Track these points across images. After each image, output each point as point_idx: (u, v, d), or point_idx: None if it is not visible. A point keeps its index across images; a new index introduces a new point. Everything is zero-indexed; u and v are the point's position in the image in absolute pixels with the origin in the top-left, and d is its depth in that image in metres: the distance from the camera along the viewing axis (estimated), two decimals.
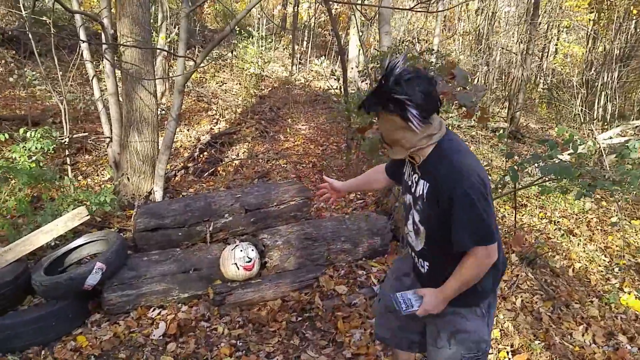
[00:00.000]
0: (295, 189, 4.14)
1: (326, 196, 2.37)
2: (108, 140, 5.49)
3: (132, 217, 4.41)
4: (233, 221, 3.86)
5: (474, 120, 3.44)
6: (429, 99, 1.58)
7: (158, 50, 8.98)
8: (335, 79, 6.48)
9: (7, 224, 3.94)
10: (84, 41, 4.95)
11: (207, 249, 3.73)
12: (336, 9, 12.86)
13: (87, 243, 3.63)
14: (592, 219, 5.63)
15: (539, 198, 6.13)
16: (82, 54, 5.39)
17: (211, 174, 7.14)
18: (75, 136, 5.62)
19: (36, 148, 4.30)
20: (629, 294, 3.87)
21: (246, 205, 3.91)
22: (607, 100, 10.86)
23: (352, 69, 10.42)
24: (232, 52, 12.09)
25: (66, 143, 5.11)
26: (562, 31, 16.17)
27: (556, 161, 3.12)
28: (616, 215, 5.64)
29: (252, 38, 11.02)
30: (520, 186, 4.77)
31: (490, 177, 5.96)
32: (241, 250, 3.51)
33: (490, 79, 13.60)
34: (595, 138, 7.64)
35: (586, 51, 12.74)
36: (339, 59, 6.50)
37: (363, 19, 11.03)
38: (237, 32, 10.80)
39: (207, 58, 12.20)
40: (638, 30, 11.48)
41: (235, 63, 12.05)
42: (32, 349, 3.00)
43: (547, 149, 3.24)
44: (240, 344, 3.12)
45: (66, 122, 5.21)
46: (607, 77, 10.78)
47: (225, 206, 3.87)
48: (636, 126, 8.02)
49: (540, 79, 16.14)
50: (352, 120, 7.88)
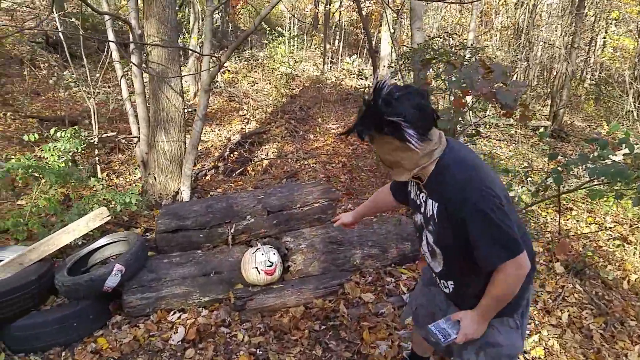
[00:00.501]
0: (320, 190, 4.00)
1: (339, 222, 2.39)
2: (136, 139, 5.50)
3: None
4: (255, 223, 3.75)
5: (512, 119, 3.20)
6: (424, 114, 1.48)
7: (190, 51, 9.02)
8: (363, 78, 6.29)
9: (38, 223, 3.97)
10: (111, 41, 4.97)
11: (229, 251, 3.64)
12: (367, 6, 12.63)
13: (109, 243, 3.61)
14: None
15: (586, 201, 5.75)
16: (111, 54, 5.41)
17: (240, 174, 7.10)
18: (104, 136, 5.66)
19: (65, 148, 4.32)
20: None
21: (268, 207, 3.79)
22: None
23: (384, 67, 10.20)
24: (260, 53, 12.06)
25: (95, 142, 5.12)
26: (611, 23, 15.33)
27: (608, 162, 2.85)
28: None
29: (283, 38, 10.95)
30: (565, 189, 4.47)
31: (531, 179, 5.64)
32: (262, 254, 3.40)
33: (530, 75, 13.05)
34: None
35: (638, 44, 12.03)
36: (370, 57, 6.33)
37: (395, 15, 10.76)
38: (268, 32, 10.76)
39: (239, 58, 12.24)
40: None
41: (266, 63, 12.03)
42: (54, 349, 2.99)
43: (597, 148, 2.97)
44: (260, 352, 3.00)
45: (95, 122, 5.24)
46: None
47: (247, 208, 3.76)
48: None
49: (586, 74, 15.40)
50: None
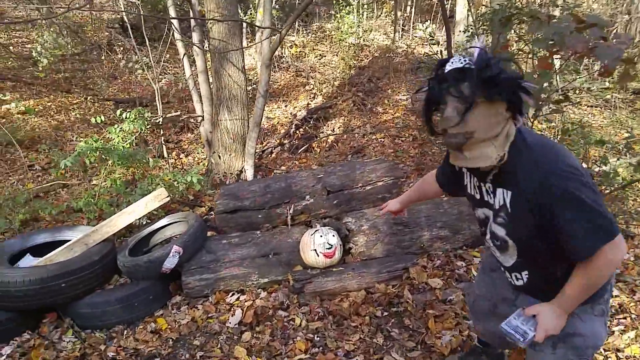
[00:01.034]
0: (384, 168, 3.74)
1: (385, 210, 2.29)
2: (200, 118, 5.51)
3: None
4: (314, 203, 3.58)
5: (608, 82, 2.75)
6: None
7: (256, 27, 8.93)
8: (435, 44, 5.84)
9: (106, 203, 4.07)
10: (171, 18, 4.95)
11: (288, 232, 3.51)
12: None
13: (170, 224, 3.61)
14: None
15: None
16: (173, 33, 5.42)
17: (305, 151, 6.97)
18: (168, 116, 5.72)
19: (129, 129, 4.39)
20: None
21: (329, 187, 3.60)
22: None
23: (459, 32, 9.52)
24: (328, 24, 11.74)
25: (160, 123, 5.19)
26: None
27: None
28: None
29: (351, 7, 10.56)
30: None
31: (633, 150, 5.00)
32: (321, 236, 3.23)
33: (632, 30, 11.64)
34: None
35: None
36: (444, 22, 5.87)
37: None
38: (336, 2, 10.41)
39: (307, 32, 12.01)
40: None
41: (334, 35, 11.72)
42: (117, 327, 3.05)
43: None
44: (318, 338, 2.86)
45: (159, 103, 5.30)
46: None
47: (306, 187, 3.60)
48: None
49: None
50: None
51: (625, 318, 2.87)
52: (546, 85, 2.86)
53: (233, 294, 3.31)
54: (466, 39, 7.41)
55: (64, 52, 10.22)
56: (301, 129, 7.72)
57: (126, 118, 4.52)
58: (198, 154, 6.76)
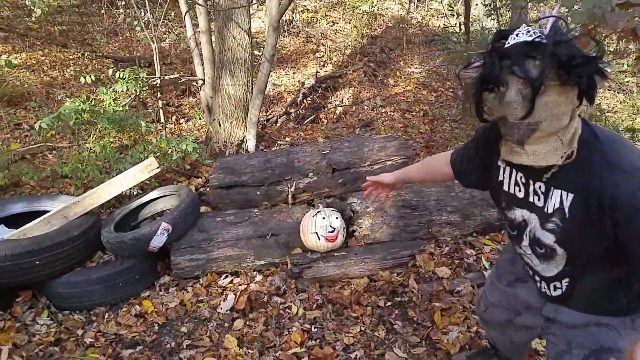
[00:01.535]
0: (394, 146, 3.44)
1: (376, 194, 1.96)
2: (201, 82, 5.17)
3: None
4: (318, 181, 3.30)
5: (627, 65, 2.42)
6: None
7: None
8: (453, 16, 5.45)
9: (95, 169, 3.79)
10: None
11: (288, 211, 3.25)
12: None
13: (161, 197, 3.35)
14: None
15: None
16: None
17: (312, 121, 6.65)
18: (167, 78, 5.37)
19: (122, 90, 4.06)
20: None
21: (333, 164, 3.31)
22: None
23: (476, 5, 9.04)
24: None
25: (158, 85, 4.86)
26: None
27: None
28: None
29: None
30: None
31: None
32: (323, 218, 2.97)
33: None
34: None
35: None
36: None
37: None
38: None
39: None
40: None
41: (347, 1, 11.20)
42: (98, 309, 2.83)
43: None
44: (315, 330, 2.64)
45: (157, 63, 4.95)
46: None
47: (309, 164, 3.31)
48: None
49: None
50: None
51: None
52: None
53: (226, 276, 3.08)
54: (485, 13, 6.98)
55: (61, 3, 9.74)
56: (309, 98, 7.38)
57: (119, 78, 4.18)
58: (200, 119, 6.44)
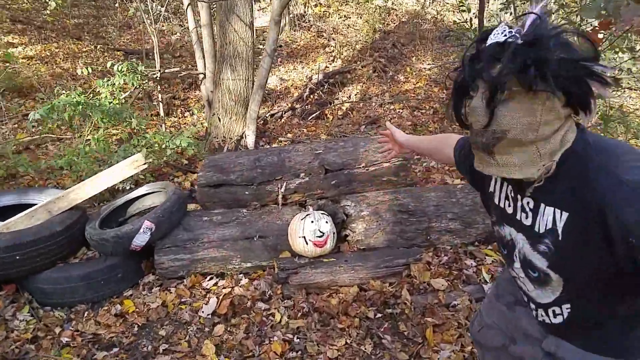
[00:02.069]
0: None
1: (387, 148, 1.86)
2: (202, 76, 5.09)
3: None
4: (310, 182, 3.17)
5: None
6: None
7: None
8: (465, 10, 5.25)
9: (88, 163, 3.74)
10: None
11: (278, 212, 3.13)
12: None
13: (149, 193, 3.26)
14: None
15: None
16: None
17: (317, 117, 6.52)
18: (167, 71, 5.30)
19: (119, 83, 3.99)
20: None
21: (327, 165, 3.18)
22: None
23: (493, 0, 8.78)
24: None
25: (158, 78, 4.78)
26: None
27: None
28: None
29: None
30: None
31: None
32: (312, 222, 2.84)
33: None
34: None
35: None
36: None
37: None
38: None
39: None
40: None
41: None
42: (80, 306, 2.76)
43: None
44: (297, 340, 2.52)
45: (157, 55, 4.87)
46: None
47: (301, 164, 3.18)
48: None
49: None
50: None
51: None
52: None
53: (211, 278, 2.98)
54: (500, 7, 6.74)
55: None
56: (315, 94, 7.25)
57: (118, 71, 4.12)
58: (203, 114, 6.37)
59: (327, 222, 2.88)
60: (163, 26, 10.39)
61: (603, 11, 2.19)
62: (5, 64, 6.94)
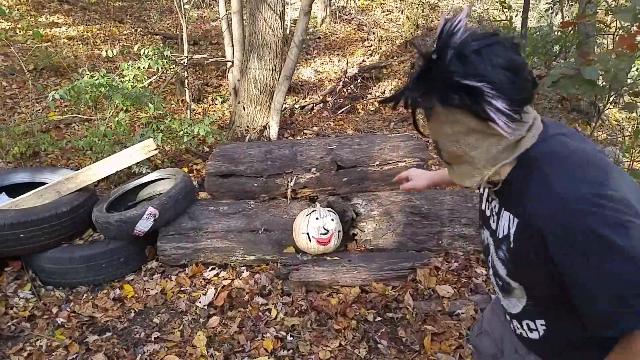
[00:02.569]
0: (409, 147, 3.15)
1: (408, 189, 1.69)
2: (230, 64, 5.06)
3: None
4: (321, 178, 3.08)
5: None
6: (521, 78, 0.92)
7: None
8: (506, 7, 5.01)
9: (109, 145, 3.78)
10: None
11: (285, 206, 3.07)
12: None
13: (160, 179, 3.26)
14: None
15: None
16: None
17: (348, 112, 6.41)
18: (195, 57, 5.30)
19: (144, 67, 4.00)
20: None
21: (339, 161, 3.08)
22: None
23: None
24: None
25: (185, 64, 4.79)
26: None
27: None
28: None
29: None
30: None
31: None
32: (317, 218, 2.76)
33: None
34: None
35: None
36: None
37: None
38: None
39: None
40: None
41: None
42: (80, 287, 2.78)
43: None
44: (290, 339, 2.45)
45: (185, 41, 4.87)
46: None
47: (313, 158, 3.10)
48: None
49: None
50: (526, 60, 6.26)
51: None
52: (625, 68, 2.15)
53: (213, 269, 2.95)
54: (546, 7, 6.41)
55: None
56: (349, 88, 7.13)
57: (143, 55, 4.14)
58: (229, 102, 6.37)
59: (332, 220, 2.79)
60: (204, 13, 10.50)
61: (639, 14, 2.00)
62: (47, 43, 7.17)
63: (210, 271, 2.93)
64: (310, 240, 2.75)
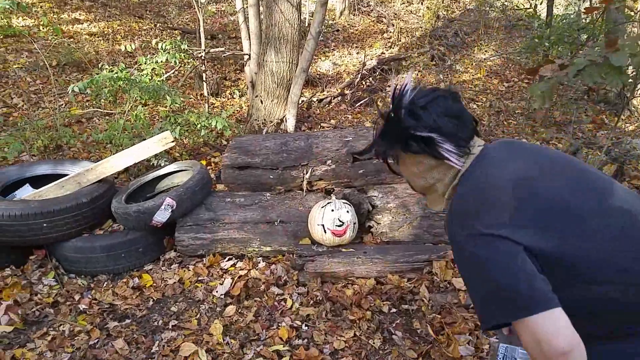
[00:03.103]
0: None
1: None
2: (247, 57, 5.09)
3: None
4: (337, 170, 3.09)
5: None
6: (462, 121, 1.19)
7: None
8: None
9: (127, 137, 3.84)
10: None
11: (301, 199, 3.08)
12: None
13: (179, 171, 3.30)
14: None
15: None
16: None
17: (367, 104, 6.39)
18: (212, 51, 5.33)
19: (162, 61, 4.06)
20: None
21: (355, 153, 3.07)
22: None
23: None
24: None
25: (203, 58, 4.83)
26: None
27: None
28: None
29: None
30: None
31: None
32: (332, 210, 2.77)
33: None
34: None
35: None
36: None
37: None
38: None
39: None
40: None
41: None
42: (101, 276, 2.85)
43: None
44: (305, 328, 2.48)
45: (202, 36, 4.91)
46: None
47: (329, 150, 3.10)
48: None
49: None
50: (550, 50, 6.16)
51: None
52: None
53: (230, 259, 2.99)
54: None
55: None
56: (367, 80, 7.10)
57: (161, 49, 4.19)
58: (247, 95, 6.41)
59: (348, 212, 2.80)
60: (222, 7, 10.56)
61: None
62: (69, 39, 7.30)
63: (227, 261, 2.96)
64: (325, 232, 2.76)
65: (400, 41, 8.64)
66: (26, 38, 6.90)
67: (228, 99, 6.43)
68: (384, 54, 8.22)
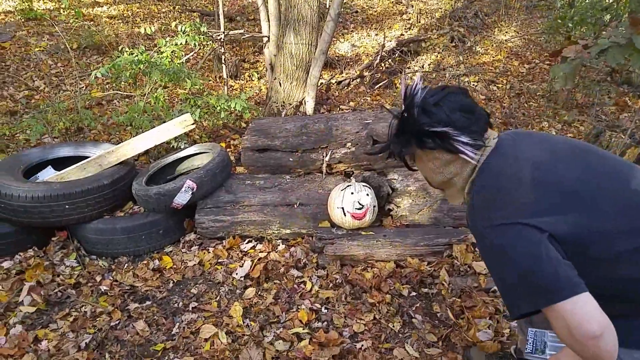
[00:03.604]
0: None
1: None
2: (265, 39, 5.03)
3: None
4: (356, 153, 3.05)
5: None
6: (474, 114, 1.22)
7: None
8: None
9: (147, 120, 3.85)
10: None
11: (321, 181, 3.06)
12: None
13: (199, 153, 3.30)
14: None
15: None
16: None
17: (386, 87, 6.29)
18: (231, 33, 5.29)
19: (181, 44, 4.03)
20: None
21: (375, 135, 3.03)
22: None
23: None
24: None
25: (222, 40, 4.79)
26: None
27: None
28: None
29: None
30: None
31: None
32: (352, 193, 2.74)
33: None
34: None
35: None
36: None
37: None
38: None
39: None
40: None
41: None
42: (122, 258, 2.88)
43: None
44: (325, 311, 2.47)
45: (221, 18, 4.86)
46: None
47: (349, 133, 3.06)
48: None
49: None
50: (573, 31, 5.97)
51: None
52: None
53: (250, 241, 2.99)
54: None
55: None
56: (386, 62, 6.98)
57: (180, 31, 4.16)
58: (266, 78, 6.37)
59: (367, 195, 2.77)
60: None
61: None
62: (90, 22, 7.33)
63: (246, 244, 2.97)
64: (345, 215, 2.73)
65: (419, 22, 8.45)
66: (47, 21, 6.95)
67: (247, 82, 6.40)
68: (403, 35, 8.06)
